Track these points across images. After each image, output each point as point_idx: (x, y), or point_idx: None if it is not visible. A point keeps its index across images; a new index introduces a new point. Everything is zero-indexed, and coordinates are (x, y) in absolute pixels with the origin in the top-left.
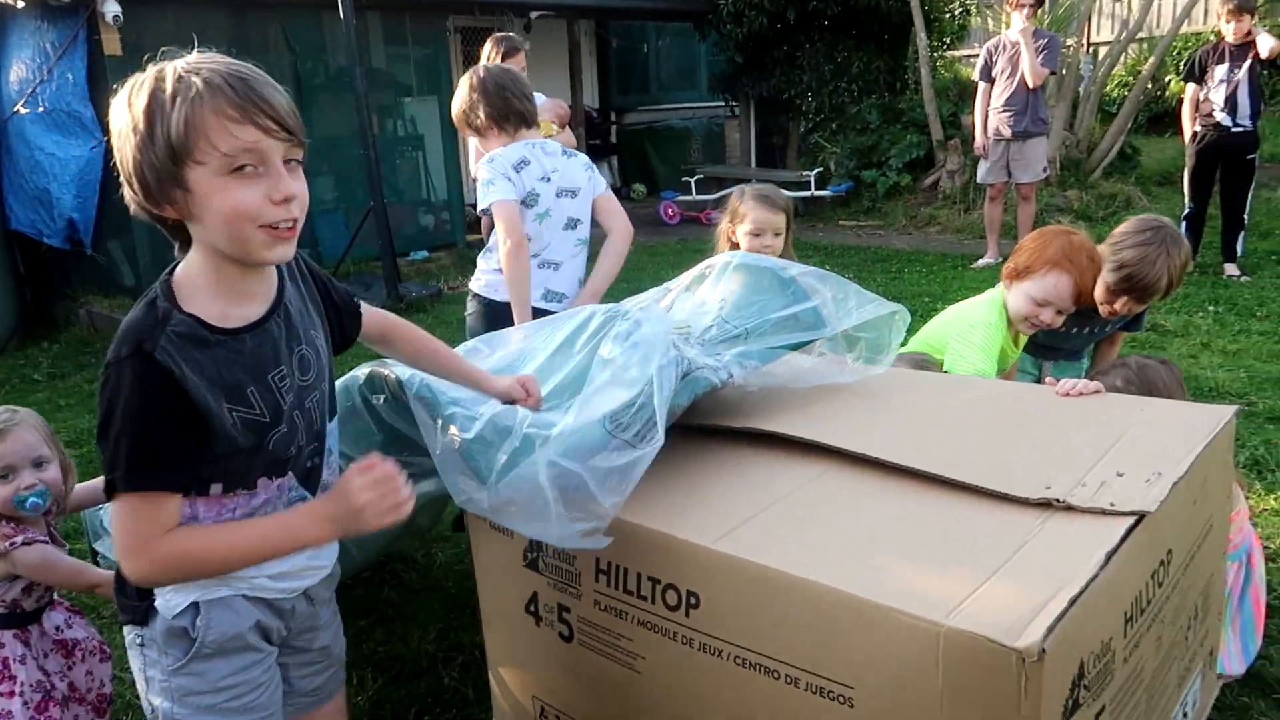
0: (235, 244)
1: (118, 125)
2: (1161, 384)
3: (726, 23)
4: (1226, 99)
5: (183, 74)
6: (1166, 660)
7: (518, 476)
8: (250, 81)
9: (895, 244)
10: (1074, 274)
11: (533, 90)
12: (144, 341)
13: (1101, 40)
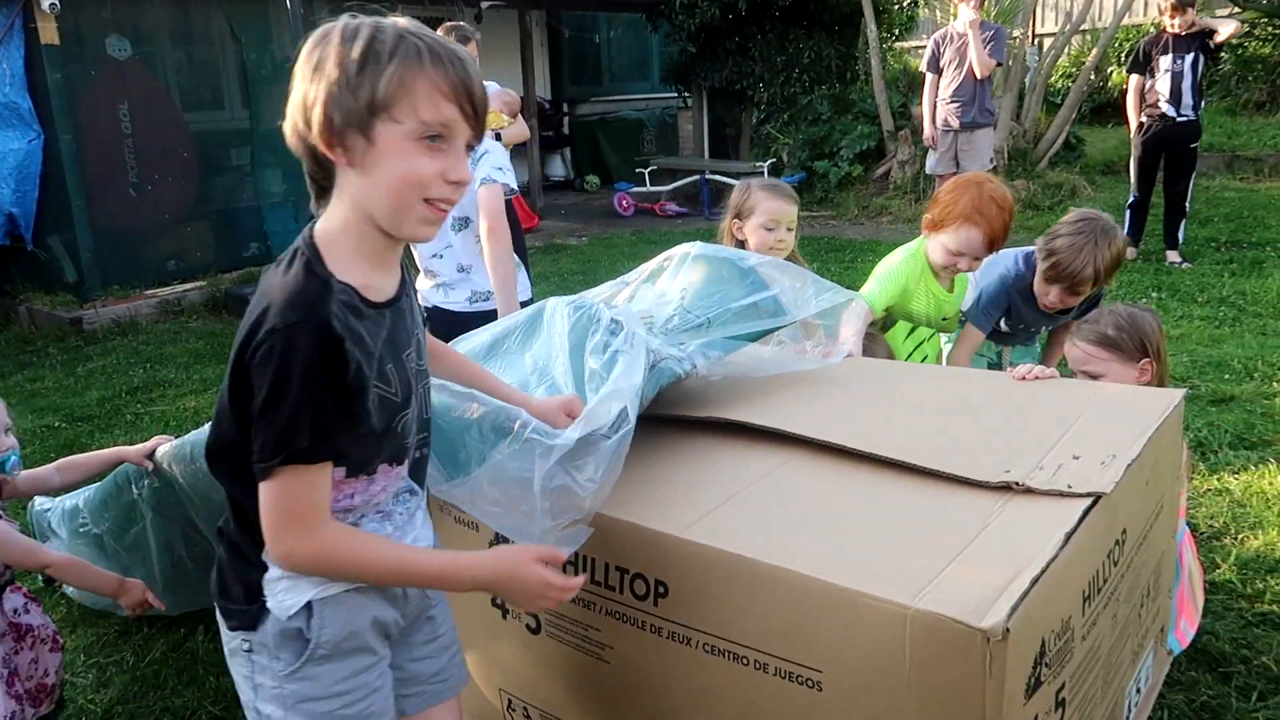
0: (394, 210)
1: (316, 58)
2: (1150, 329)
3: (678, 13)
4: (1171, 89)
5: (404, 34)
6: (1122, 637)
7: (509, 476)
8: (466, 64)
9: (848, 234)
10: (983, 226)
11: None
12: (317, 307)
13: (1046, 32)
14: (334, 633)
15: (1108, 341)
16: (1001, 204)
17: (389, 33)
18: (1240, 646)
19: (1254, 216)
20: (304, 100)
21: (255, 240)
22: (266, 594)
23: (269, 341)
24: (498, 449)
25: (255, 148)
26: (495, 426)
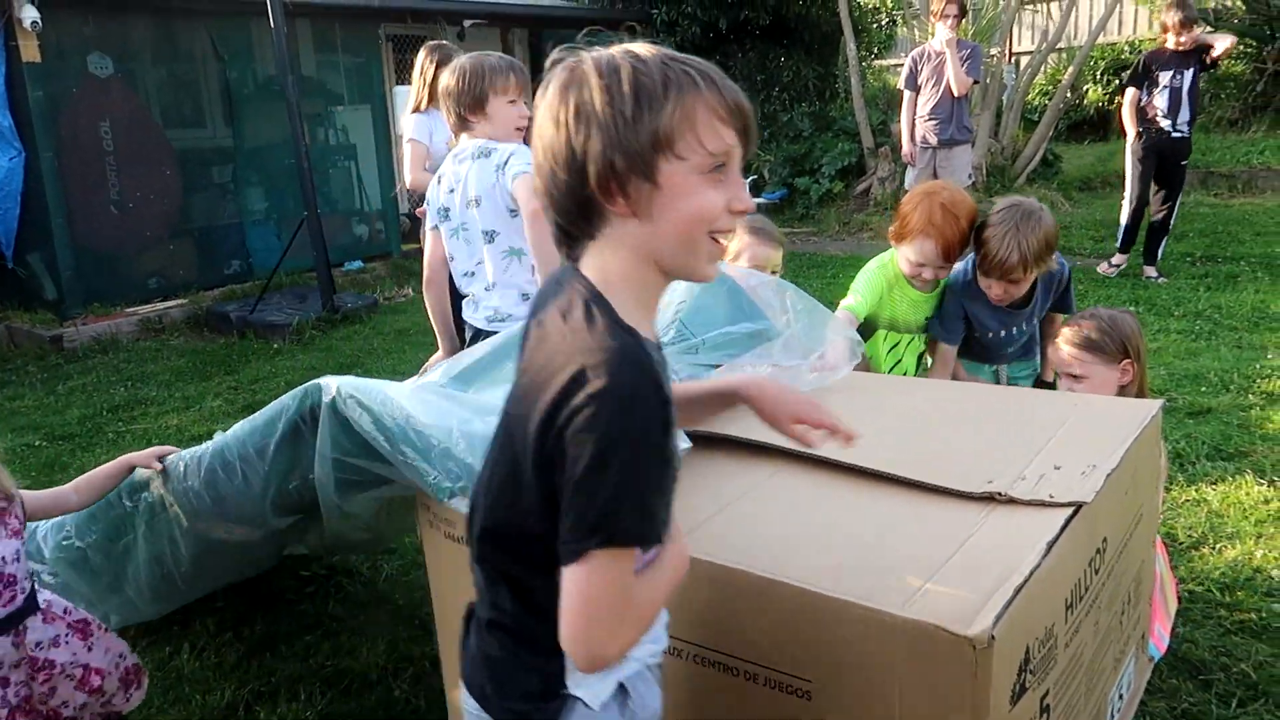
0: (684, 252)
1: (574, 102)
2: (1130, 331)
3: (659, 31)
4: (1170, 104)
5: (666, 61)
6: (1104, 644)
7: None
8: (731, 83)
9: (830, 250)
10: (936, 237)
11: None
12: (646, 365)
13: (1023, 50)
14: (653, 707)
15: (1090, 344)
16: (953, 213)
17: (651, 62)
18: (1220, 654)
19: (1228, 232)
20: (570, 152)
21: (237, 258)
22: (571, 684)
23: (595, 405)
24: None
25: (238, 165)
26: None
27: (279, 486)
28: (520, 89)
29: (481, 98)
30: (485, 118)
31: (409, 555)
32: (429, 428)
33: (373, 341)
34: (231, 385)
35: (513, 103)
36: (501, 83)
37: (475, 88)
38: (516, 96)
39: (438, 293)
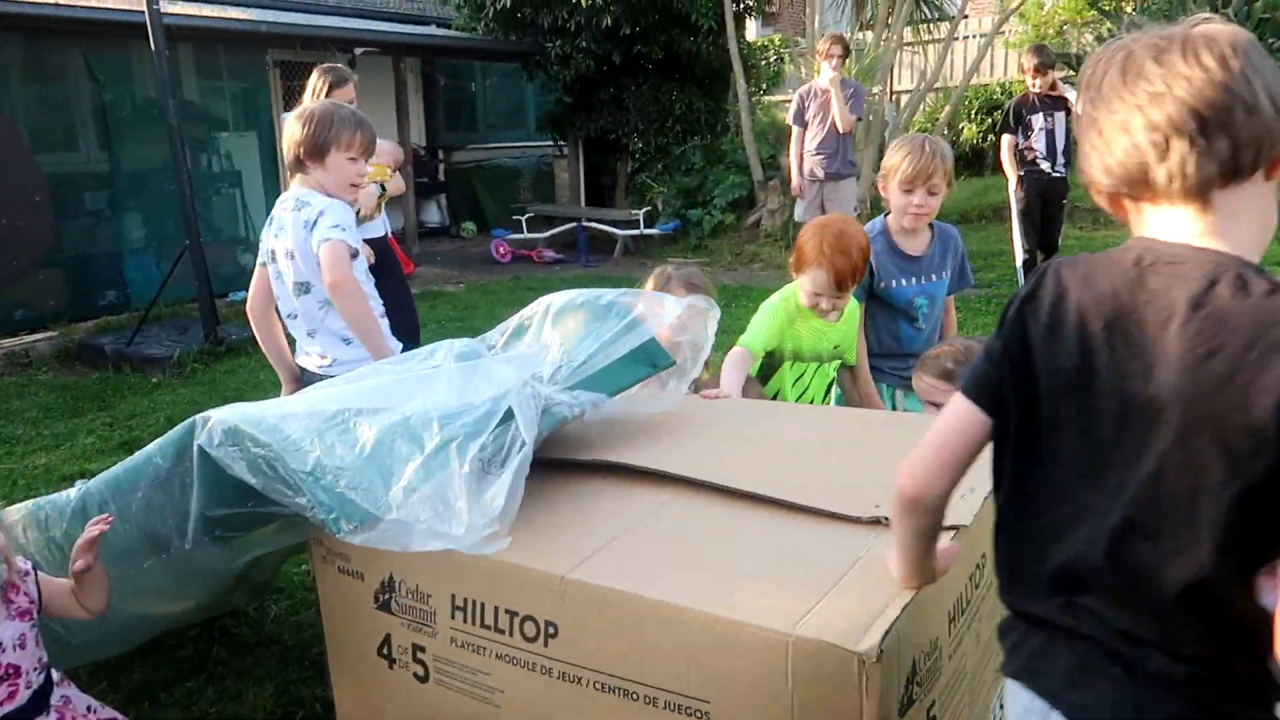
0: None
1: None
2: None
3: (554, 64)
4: (1047, 147)
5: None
6: (985, 655)
7: (433, 483)
8: None
9: (722, 279)
10: (828, 267)
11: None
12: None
13: (903, 89)
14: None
15: (947, 374)
16: (843, 245)
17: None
18: None
19: None
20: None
21: (113, 288)
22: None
23: None
24: (410, 462)
25: (114, 191)
26: (409, 435)
27: (154, 538)
28: (363, 147)
29: (324, 147)
30: (323, 167)
31: (298, 594)
32: (316, 460)
33: (258, 374)
34: (106, 421)
35: (353, 160)
36: (347, 138)
37: (320, 136)
38: (358, 155)
39: (261, 328)
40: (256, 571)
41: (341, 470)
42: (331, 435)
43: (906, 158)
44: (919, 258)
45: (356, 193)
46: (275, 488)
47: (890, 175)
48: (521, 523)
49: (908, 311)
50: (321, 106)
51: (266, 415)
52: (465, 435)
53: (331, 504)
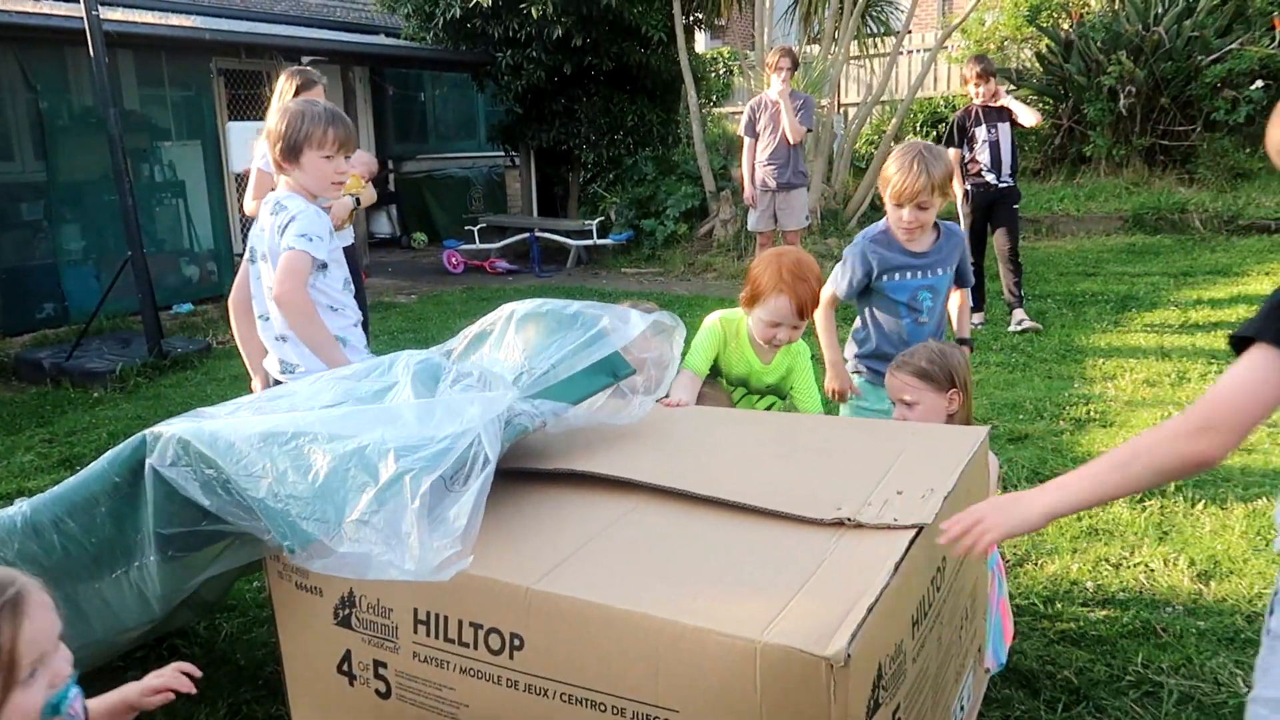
0: None
1: None
2: (958, 364)
3: (504, 75)
4: (992, 158)
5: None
6: (946, 658)
7: (385, 514)
8: None
9: (676, 289)
10: (789, 293)
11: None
12: None
13: (850, 102)
14: None
15: (922, 373)
16: (802, 272)
17: None
18: (1046, 663)
19: (1035, 273)
20: None
21: (51, 301)
22: None
23: None
24: (365, 491)
25: (50, 202)
26: (364, 465)
27: (123, 550)
28: (337, 143)
29: (296, 147)
30: (299, 168)
31: (250, 611)
32: (268, 487)
33: (205, 388)
34: (45, 438)
35: (328, 158)
36: (319, 136)
37: (292, 136)
38: (333, 152)
39: (240, 323)
40: (206, 590)
41: (293, 499)
42: (284, 461)
43: (897, 173)
44: (924, 253)
45: (339, 191)
46: (229, 510)
47: (884, 187)
48: (485, 534)
49: (911, 304)
50: (294, 104)
51: (220, 435)
52: (421, 469)
53: (284, 530)
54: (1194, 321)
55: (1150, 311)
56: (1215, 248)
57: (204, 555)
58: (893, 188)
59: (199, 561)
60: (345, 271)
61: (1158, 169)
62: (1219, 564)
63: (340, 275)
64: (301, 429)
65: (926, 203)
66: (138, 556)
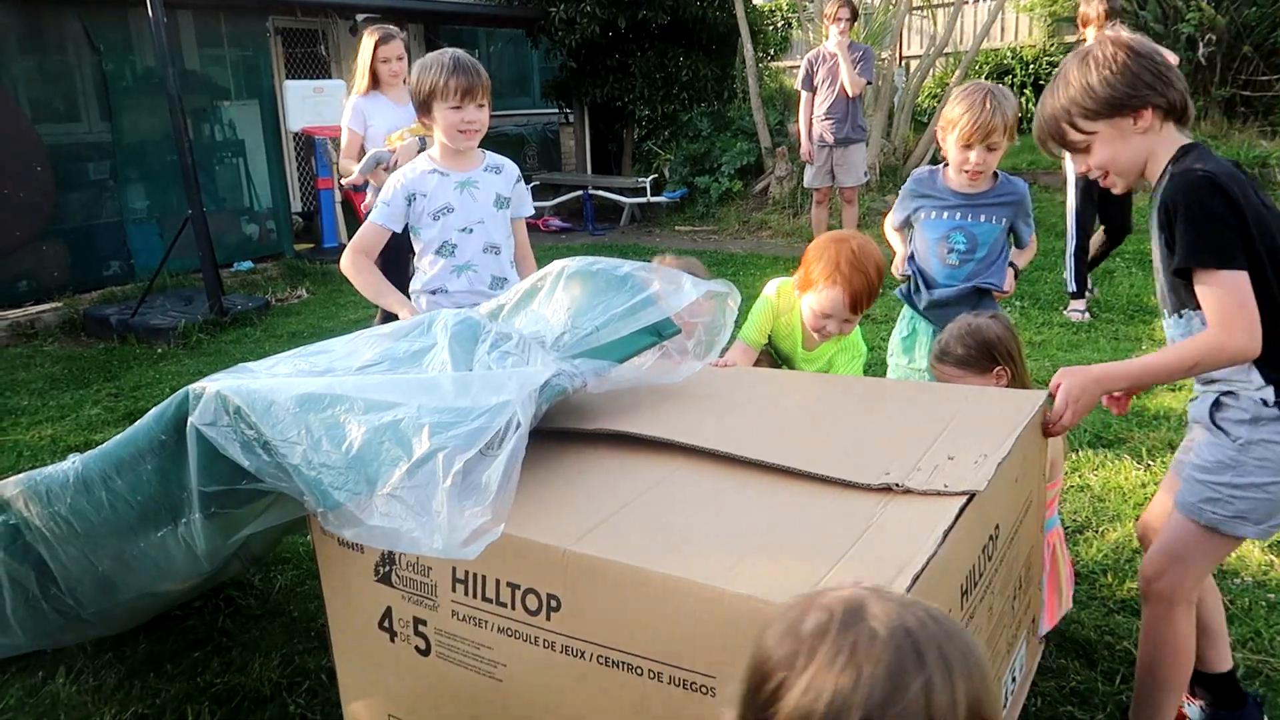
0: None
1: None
2: (995, 337)
3: (558, 30)
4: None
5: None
6: (998, 629)
7: (416, 483)
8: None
9: (730, 248)
10: (844, 286)
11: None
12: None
13: (912, 54)
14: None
15: (959, 360)
16: (860, 263)
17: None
18: (1104, 633)
19: None
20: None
21: (117, 259)
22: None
23: None
24: (399, 464)
25: (116, 162)
26: (398, 439)
27: (170, 507)
28: (460, 91)
29: (426, 102)
30: (433, 120)
31: (304, 565)
32: (302, 454)
33: (264, 345)
34: (112, 392)
35: (456, 108)
36: (441, 87)
37: (419, 92)
38: (459, 101)
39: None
40: (254, 543)
41: (326, 467)
42: (320, 429)
43: (966, 113)
44: (969, 194)
45: (468, 140)
46: (269, 470)
47: (949, 129)
48: (524, 495)
49: (945, 244)
50: (425, 58)
51: (259, 395)
52: (454, 447)
53: (317, 497)
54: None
55: None
56: None
57: (247, 512)
58: (961, 128)
59: (242, 518)
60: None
61: (1238, 121)
62: None
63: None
64: (338, 395)
65: (997, 144)
66: (185, 514)
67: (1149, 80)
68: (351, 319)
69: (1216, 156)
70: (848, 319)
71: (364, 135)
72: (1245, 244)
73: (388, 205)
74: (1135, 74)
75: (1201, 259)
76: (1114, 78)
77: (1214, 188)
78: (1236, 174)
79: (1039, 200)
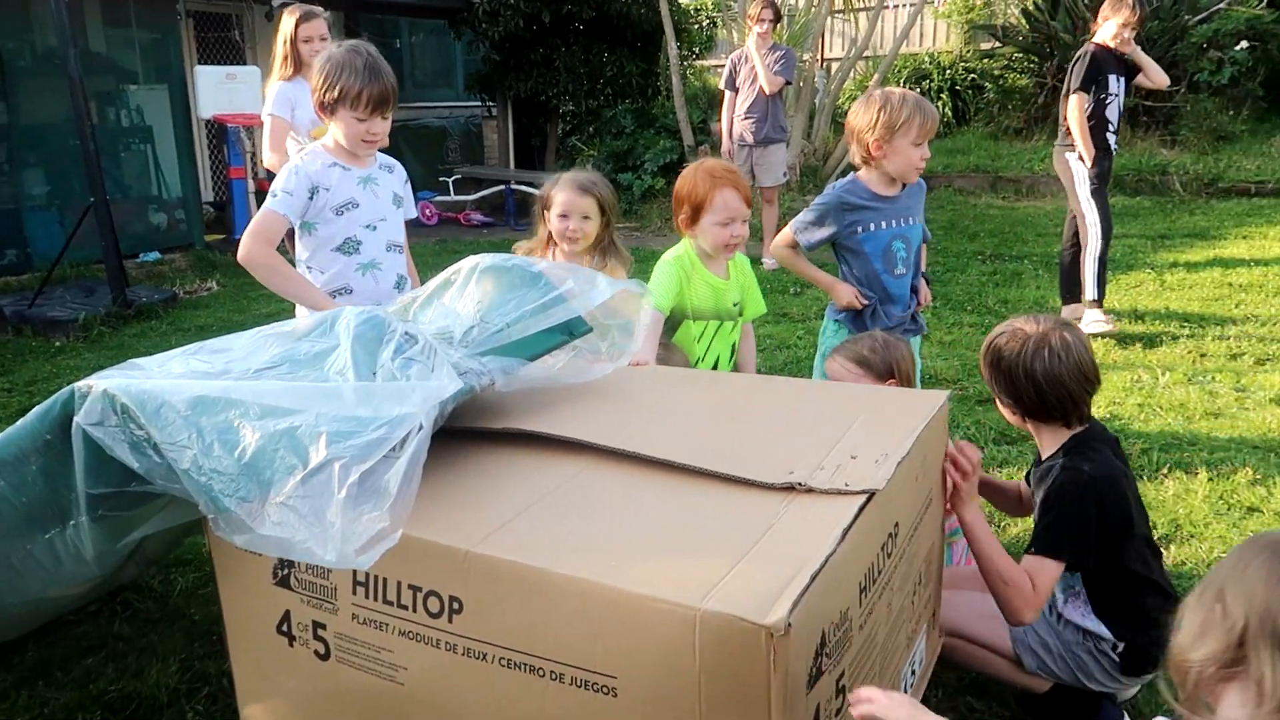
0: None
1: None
2: (900, 356)
3: (482, 22)
4: (1117, 117)
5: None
6: (897, 624)
7: (310, 501)
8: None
9: (652, 245)
10: (730, 186)
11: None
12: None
13: (833, 57)
14: None
15: (862, 360)
16: (725, 169)
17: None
18: None
19: (1014, 232)
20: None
21: (12, 247)
22: None
23: None
24: (294, 474)
25: (12, 145)
26: (294, 447)
27: (57, 508)
28: (373, 103)
29: (332, 104)
30: (334, 121)
31: (205, 567)
32: (193, 458)
33: (170, 339)
34: (4, 387)
35: (361, 120)
36: (354, 95)
37: (328, 91)
38: (367, 115)
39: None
40: (149, 546)
41: (217, 473)
42: (212, 433)
43: (917, 109)
44: (894, 197)
45: (370, 149)
46: (159, 472)
47: (898, 130)
48: (428, 496)
49: (887, 257)
50: (338, 53)
51: (150, 395)
52: (351, 458)
53: (207, 503)
54: (1169, 285)
55: (1126, 274)
56: (1194, 210)
57: (138, 514)
58: (919, 126)
59: (133, 520)
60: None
61: (1140, 130)
62: (1180, 528)
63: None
64: (233, 399)
65: (931, 137)
66: (73, 516)
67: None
68: (264, 313)
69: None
70: (746, 217)
71: (291, 121)
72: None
73: (290, 195)
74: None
75: (1043, 548)
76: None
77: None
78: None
79: (954, 203)
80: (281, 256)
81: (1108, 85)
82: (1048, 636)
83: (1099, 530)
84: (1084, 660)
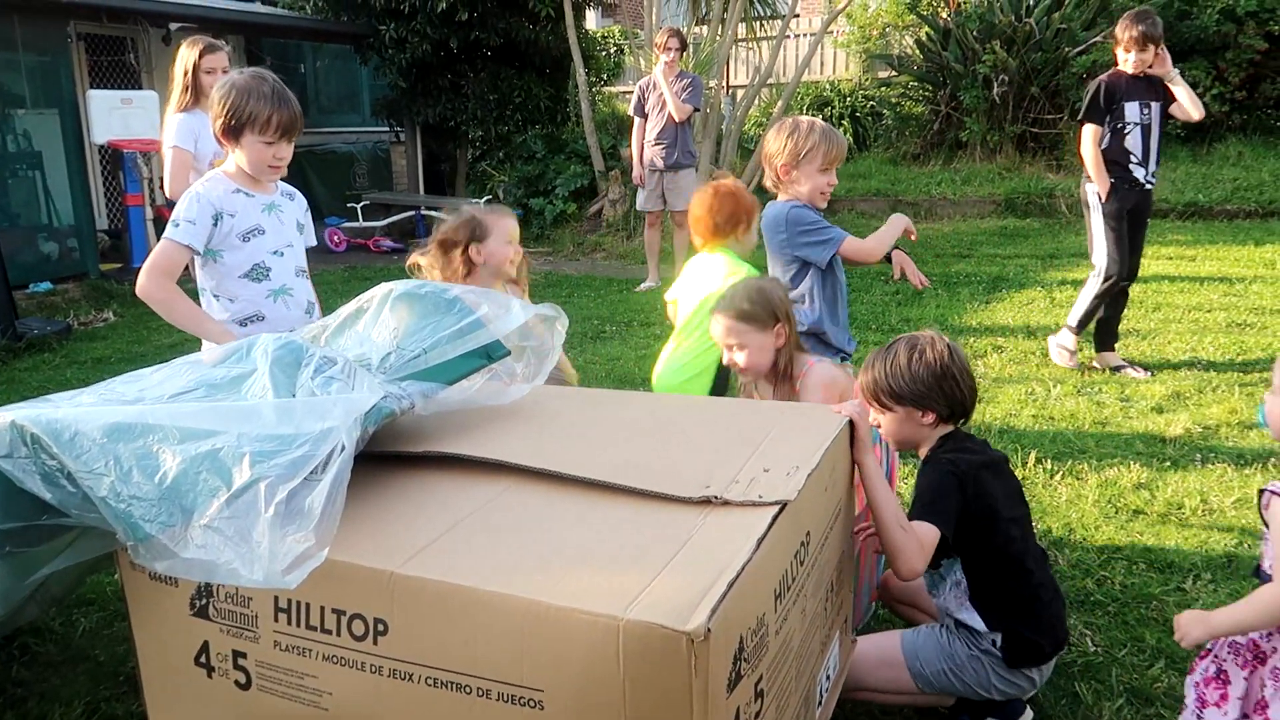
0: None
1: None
2: (777, 298)
3: (388, 48)
4: (1142, 147)
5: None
6: (811, 629)
7: (236, 521)
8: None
9: (565, 269)
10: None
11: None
12: None
13: (739, 84)
14: None
15: (744, 315)
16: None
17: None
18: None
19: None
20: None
21: None
22: None
23: None
24: (218, 496)
25: None
26: (217, 468)
27: None
28: (280, 129)
29: (238, 128)
30: (238, 148)
31: (110, 605)
32: (110, 485)
33: (65, 372)
34: None
35: (269, 144)
36: (262, 120)
37: (233, 116)
38: (275, 139)
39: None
40: (54, 583)
41: (137, 500)
42: (130, 459)
43: (822, 140)
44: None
45: (276, 175)
46: (74, 502)
47: (804, 156)
48: (350, 519)
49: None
50: (241, 79)
51: (63, 424)
52: (277, 476)
53: (127, 530)
54: (1059, 302)
55: (1019, 292)
56: (1079, 231)
57: (46, 550)
58: (826, 155)
59: (40, 557)
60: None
61: (1028, 155)
62: (1073, 531)
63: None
64: (150, 424)
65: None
66: None
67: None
68: (165, 343)
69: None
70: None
71: (195, 153)
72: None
73: (192, 224)
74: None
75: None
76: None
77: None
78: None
79: (857, 226)
80: (180, 290)
81: (1123, 114)
82: (941, 662)
83: (962, 507)
84: (977, 671)
